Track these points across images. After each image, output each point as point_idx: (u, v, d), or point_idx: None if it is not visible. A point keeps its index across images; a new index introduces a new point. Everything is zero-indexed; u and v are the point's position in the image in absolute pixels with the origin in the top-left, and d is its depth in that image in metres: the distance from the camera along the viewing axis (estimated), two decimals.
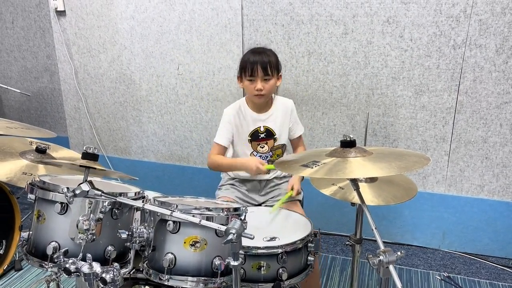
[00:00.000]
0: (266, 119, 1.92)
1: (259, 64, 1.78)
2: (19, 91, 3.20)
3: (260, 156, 1.93)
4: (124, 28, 2.87)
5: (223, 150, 1.91)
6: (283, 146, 1.96)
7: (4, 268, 2.21)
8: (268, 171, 1.87)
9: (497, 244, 2.53)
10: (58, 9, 2.97)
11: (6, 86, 3.25)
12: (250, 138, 1.92)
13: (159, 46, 2.82)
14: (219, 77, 2.75)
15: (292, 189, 1.88)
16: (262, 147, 1.92)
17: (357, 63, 2.46)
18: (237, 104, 1.94)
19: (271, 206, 1.91)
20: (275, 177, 1.97)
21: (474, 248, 2.57)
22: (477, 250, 2.57)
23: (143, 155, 3.15)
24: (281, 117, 1.93)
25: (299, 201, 1.98)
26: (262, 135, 1.91)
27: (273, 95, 1.96)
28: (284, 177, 1.98)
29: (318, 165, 1.22)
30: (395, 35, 2.35)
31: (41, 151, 1.72)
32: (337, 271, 2.41)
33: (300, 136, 2.03)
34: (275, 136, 1.92)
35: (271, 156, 1.93)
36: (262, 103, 1.89)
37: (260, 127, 1.91)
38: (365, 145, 1.53)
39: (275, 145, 1.93)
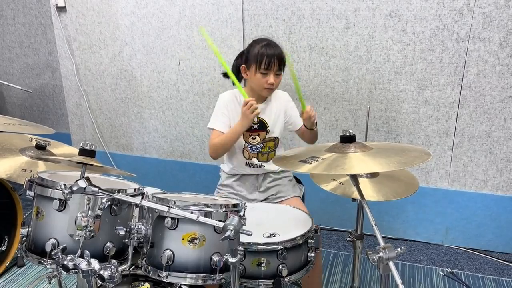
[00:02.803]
0: (261, 110, 1.89)
1: (276, 59, 1.76)
2: (20, 87, 3.20)
3: (251, 147, 1.91)
4: (125, 24, 2.86)
5: None
6: (275, 139, 1.93)
7: (7, 264, 2.23)
8: (253, 101, 1.75)
9: (501, 239, 2.51)
10: (58, 5, 2.96)
11: (7, 83, 3.26)
12: None
13: (159, 42, 2.81)
14: (220, 72, 2.73)
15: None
16: (254, 138, 1.90)
17: (359, 57, 2.43)
18: (233, 92, 1.92)
19: (272, 202, 1.90)
20: (270, 172, 1.95)
21: (478, 243, 2.56)
22: (481, 246, 2.55)
23: (145, 151, 3.15)
24: (276, 109, 1.91)
25: (300, 197, 1.97)
26: (255, 126, 1.89)
27: None
28: (282, 171, 1.96)
29: (317, 160, 1.20)
30: (397, 29, 2.33)
31: (41, 147, 1.71)
32: (340, 267, 2.40)
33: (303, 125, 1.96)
34: (267, 128, 1.90)
35: (262, 148, 1.91)
36: (268, 96, 1.88)
37: None
38: (365, 140, 1.52)
39: (266, 137, 1.91)
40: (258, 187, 1.94)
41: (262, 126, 1.90)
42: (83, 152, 1.25)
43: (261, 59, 1.77)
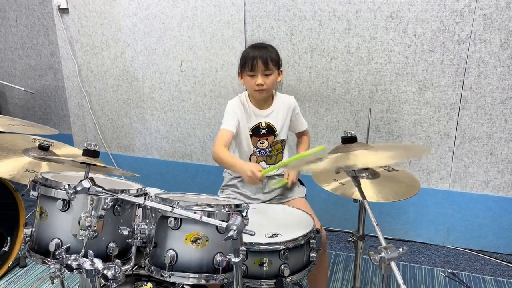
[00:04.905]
0: (268, 115, 1.91)
1: (260, 59, 1.77)
2: (23, 88, 3.21)
3: (259, 151, 1.92)
4: (127, 25, 2.87)
5: (231, 136, 1.83)
6: (282, 142, 1.95)
7: (9, 264, 2.24)
8: (263, 178, 1.66)
9: (502, 240, 2.51)
10: (61, 7, 2.97)
11: (10, 84, 3.27)
12: (251, 133, 1.90)
13: (161, 43, 2.82)
14: (222, 73, 2.74)
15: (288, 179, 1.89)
16: (262, 143, 1.91)
17: (360, 59, 2.44)
18: (240, 98, 1.93)
19: (277, 202, 1.91)
20: (277, 175, 1.96)
21: (479, 244, 2.56)
22: (482, 247, 2.56)
23: (146, 152, 3.16)
24: (282, 113, 1.92)
25: (305, 197, 1.97)
26: (263, 131, 1.90)
27: (274, 91, 1.94)
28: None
29: (324, 160, 1.20)
30: (398, 30, 2.34)
31: (44, 148, 1.72)
32: (341, 267, 2.41)
33: (306, 130, 2.07)
34: (276, 133, 1.91)
35: (270, 152, 1.93)
36: (263, 99, 1.89)
37: (261, 122, 1.90)
38: (367, 142, 1.52)
39: (274, 140, 1.93)
40: (262, 188, 1.95)
41: (270, 131, 1.91)
42: (87, 152, 1.26)
43: (245, 61, 1.80)
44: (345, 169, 1.27)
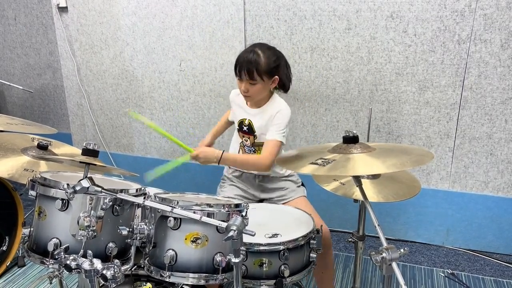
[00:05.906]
0: (254, 115, 1.87)
1: (245, 66, 1.72)
2: (21, 87, 3.20)
3: (247, 147, 1.92)
4: (126, 24, 2.86)
5: (223, 121, 2.12)
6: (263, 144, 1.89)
7: (7, 264, 2.23)
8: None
9: (501, 241, 2.51)
10: (60, 6, 2.96)
11: (8, 83, 3.26)
12: (238, 128, 1.92)
13: (161, 42, 2.81)
14: (221, 73, 2.73)
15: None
16: (246, 140, 1.91)
17: (360, 58, 2.44)
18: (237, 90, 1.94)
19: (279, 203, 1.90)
20: (270, 175, 1.94)
21: (479, 245, 2.56)
22: (482, 247, 2.56)
23: (145, 152, 3.15)
24: (268, 117, 1.82)
25: (305, 197, 1.97)
26: (245, 128, 1.89)
27: (273, 93, 1.89)
28: (288, 175, 1.96)
29: (329, 162, 1.19)
30: (398, 30, 2.33)
31: (42, 147, 1.71)
32: (340, 268, 2.40)
33: (270, 141, 1.78)
34: (254, 134, 1.87)
35: (254, 151, 1.91)
36: (251, 101, 1.87)
37: (246, 119, 1.88)
38: (368, 141, 1.52)
39: (255, 142, 1.88)
40: (257, 186, 1.94)
41: (250, 130, 1.88)
42: (87, 152, 1.25)
43: (236, 63, 1.77)
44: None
